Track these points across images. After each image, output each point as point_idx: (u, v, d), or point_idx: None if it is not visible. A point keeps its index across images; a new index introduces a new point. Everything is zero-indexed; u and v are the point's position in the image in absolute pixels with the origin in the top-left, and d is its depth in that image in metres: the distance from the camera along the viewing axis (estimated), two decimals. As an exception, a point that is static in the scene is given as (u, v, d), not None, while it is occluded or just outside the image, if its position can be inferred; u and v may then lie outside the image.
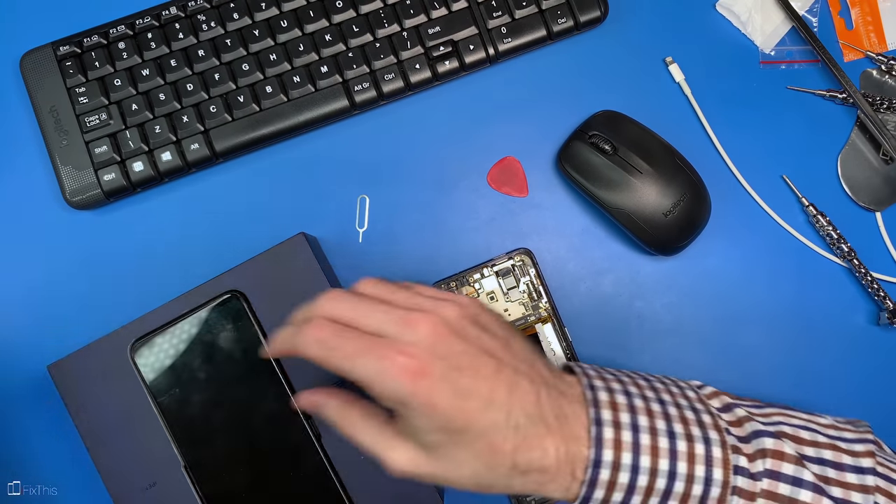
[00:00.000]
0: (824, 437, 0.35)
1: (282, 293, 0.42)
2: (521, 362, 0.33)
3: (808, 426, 0.35)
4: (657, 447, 0.32)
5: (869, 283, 0.48)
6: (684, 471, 0.32)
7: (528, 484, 0.32)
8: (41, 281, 0.48)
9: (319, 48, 0.48)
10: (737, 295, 0.48)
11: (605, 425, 0.32)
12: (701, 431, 0.33)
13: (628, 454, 0.32)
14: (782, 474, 0.33)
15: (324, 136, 0.49)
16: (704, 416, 0.34)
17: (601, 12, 0.49)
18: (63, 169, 0.47)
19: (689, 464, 0.32)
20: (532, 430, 0.31)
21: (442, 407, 0.30)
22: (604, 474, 0.31)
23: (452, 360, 0.31)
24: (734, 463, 0.32)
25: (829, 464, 0.34)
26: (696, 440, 0.33)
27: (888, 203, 0.49)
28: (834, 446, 0.34)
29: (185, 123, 0.47)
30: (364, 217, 0.49)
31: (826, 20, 0.51)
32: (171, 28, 0.48)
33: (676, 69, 0.50)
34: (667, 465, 0.32)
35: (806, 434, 0.35)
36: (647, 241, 0.46)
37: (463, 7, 0.48)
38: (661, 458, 0.32)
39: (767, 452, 0.33)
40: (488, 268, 0.47)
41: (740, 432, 0.34)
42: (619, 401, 0.33)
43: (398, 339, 0.31)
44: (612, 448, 0.31)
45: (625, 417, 0.32)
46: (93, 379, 0.42)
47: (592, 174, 0.46)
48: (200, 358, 0.42)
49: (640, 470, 0.31)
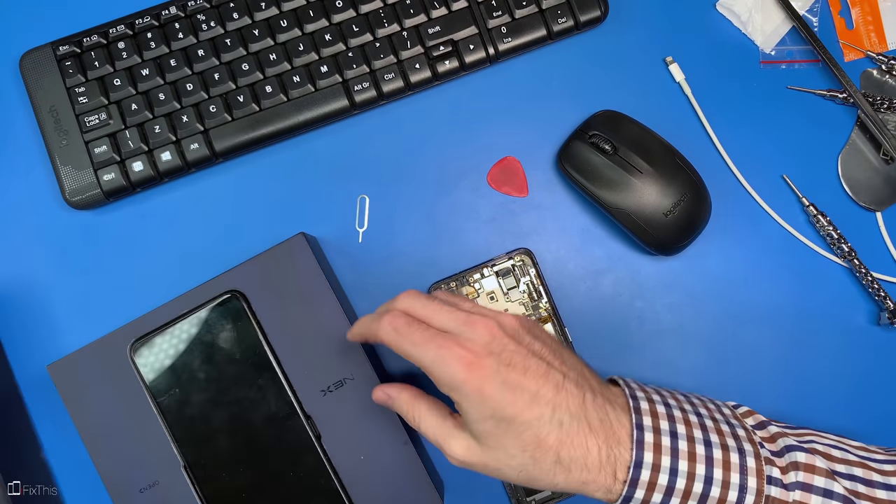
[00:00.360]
0: (855, 455, 0.36)
1: (282, 293, 0.42)
2: (569, 369, 0.35)
3: (838, 446, 0.37)
4: (695, 453, 0.34)
5: (869, 283, 0.48)
6: (720, 477, 0.33)
7: (572, 482, 0.34)
8: (41, 281, 0.48)
9: (319, 48, 0.48)
10: (737, 295, 0.48)
11: (645, 430, 0.34)
12: (736, 443, 0.35)
13: (667, 457, 0.33)
14: (814, 486, 0.34)
15: (324, 136, 0.49)
16: (739, 430, 0.35)
17: (601, 12, 0.49)
18: (63, 169, 0.46)
19: (724, 471, 0.33)
20: (576, 428, 0.34)
21: (490, 395, 0.33)
22: (644, 475, 0.33)
23: (504, 357, 0.34)
24: (768, 473, 0.34)
25: (860, 480, 0.35)
26: (732, 450, 0.34)
27: (888, 203, 0.49)
28: (864, 464, 0.36)
29: (185, 123, 0.47)
30: (364, 217, 0.49)
31: (826, 20, 0.51)
32: (171, 28, 0.47)
33: (676, 69, 0.49)
34: (703, 471, 0.33)
35: (837, 452, 0.36)
36: (648, 241, 0.46)
37: (463, 7, 0.48)
38: (699, 464, 0.33)
39: (800, 465, 0.34)
40: (488, 268, 0.47)
41: (773, 447, 0.36)
42: (658, 410, 0.35)
43: (459, 335, 0.35)
44: (651, 451, 0.33)
45: (664, 425, 0.34)
46: (93, 379, 0.42)
47: (592, 174, 0.46)
48: (200, 358, 0.42)
49: (678, 473, 0.33)
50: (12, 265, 0.48)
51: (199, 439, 0.41)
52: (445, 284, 0.47)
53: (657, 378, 0.48)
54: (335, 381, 0.42)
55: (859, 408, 0.48)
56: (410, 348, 0.35)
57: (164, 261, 0.48)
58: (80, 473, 0.46)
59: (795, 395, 0.48)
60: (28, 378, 0.47)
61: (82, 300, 0.47)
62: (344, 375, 0.42)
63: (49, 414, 0.47)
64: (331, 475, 0.41)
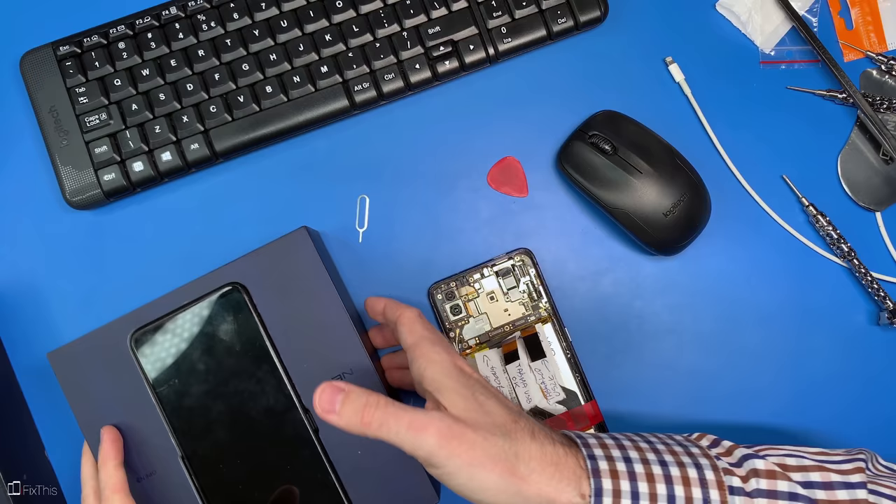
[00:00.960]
0: (811, 460, 0.36)
1: (283, 286, 0.42)
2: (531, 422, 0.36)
3: (792, 454, 0.36)
4: (653, 473, 0.33)
5: (869, 283, 0.48)
6: (682, 493, 0.33)
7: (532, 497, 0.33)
8: (41, 281, 0.48)
9: (319, 48, 0.48)
10: (737, 295, 0.48)
11: (598, 459, 0.34)
12: (691, 459, 0.35)
13: (626, 482, 0.33)
14: (778, 492, 0.34)
15: (324, 136, 0.49)
16: (692, 448, 0.36)
17: (601, 12, 0.49)
18: (63, 169, 0.47)
19: (685, 486, 0.33)
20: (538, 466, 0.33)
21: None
22: (606, 501, 0.32)
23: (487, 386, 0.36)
24: (728, 484, 0.34)
25: (818, 485, 0.34)
26: (688, 465, 0.34)
27: (888, 203, 0.49)
28: (822, 467, 0.35)
29: (185, 123, 0.47)
30: (364, 217, 0.49)
31: (826, 20, 0.51)
32: (171, 28, 0.48)
33: (676, 69, 0.50)
34: (664, 490, 0.33)
35: (792, 461, 0.36)
36: (647, 241, 0.46)
37: (463, 7, 0.48)
38: (659, 483, 0.33)
39: (760, 472, 0.34)
40: (488, 268, 0.47)
41: (730, 459, 0.36)
42: (606, 441, 0.35)
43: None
44: (609, 477, 0.33)
45: (615, 452, 0.34)
46: (92, 367, 0.42)
47: (592, 174, 0.46)
48: (200, 349, 0.42)
49: (640, 496, 0.33)
50: (12, 265, 0.48)
51: (198, 430, 0.41)
52: (445, 284, 0.47)
53: (657, 378, 0.48)
54: (334, 375, 0.42)
55: (859, 408, 0.48)
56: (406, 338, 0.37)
57: (164, 261, 0.48)
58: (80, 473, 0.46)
59: (795, 396, 0.48)
60: (28, 378, 0.47)
61: (82, 300, 0.47)
62: (342, 369, 0.42)
63: (49, 413, 0.47)
64: (327, 469, 0.41)
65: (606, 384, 0.47)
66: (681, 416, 0.47)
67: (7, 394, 0.46)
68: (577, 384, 0.47)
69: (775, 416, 0.47)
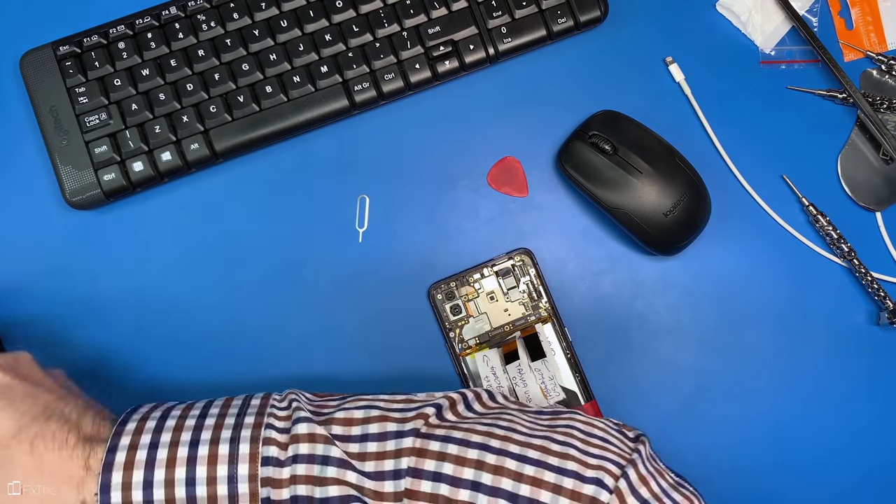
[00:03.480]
0: (379, 411, 0.36)
1: None
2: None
3: (371, 405, 0.36)
4: (175, 458, 0.33)
5: (869, 283, 0.48)
6: (204, 474, 0.33)
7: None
8: (41, 281, 0.48)
9: (319, 48, 0.48)
10: (737, 295, 0.48)
11: (119, 450, 0.33)
12: (232, 432, 0.34)
13: (140, 471, 0.33)
14: (315, 455, 0.34)
15: (324, 136, 0.49)
16: (247, 419, 0.35)
17: (601, 12, 0.49)
18: (63, 169, 0.46)
19: (210, 466, 0.33)
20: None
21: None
22: (115, 497, 0.32)
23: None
24: (264, 454, 0.34)
25: (372, 437, 0.35)
26: (223, 441, 0.34)
27: (888, 203, 0.49)
28: (384, 418, 0.35)
29: (185, 123, 0.47)
30: (364, 217, 0.49)
31: (826, 20, 0.51)
32: (171, 28, 0.47)
33: (676, 69, 0.50)
34: (184, 473, 0.33)
35: (359, 413, 0.36)
36: (647, 241, 0.46)
37: (463, 7, 0.48)
38: (178, 468, 0.33)
39: (300, 438, 0.34)
40: (488, 268, 0.47)
41: (285, 424, 0.35)
42: (147, 426, 0.35)
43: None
44: (122, 469, 0.33)
45: (145, 439, 0.34)
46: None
47: (592, 174, 0.46)
48: None
49: (154, 483, 0.33)
50: (12, 265, 0.48)
51: None
52: (445, 284, 0.47)
53: (656, 378, 0.48)
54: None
55: (859, 408, 0.48)
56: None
57: (163, 261, 0.48)
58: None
59: (794, 395, 0.48)
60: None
61: (82, 300, 0.47)
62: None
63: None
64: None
65: (606, 384, 0.47)
66: (681, 415, 0.47)
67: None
68: (577, 384, 0.47)
69: (775, 416, 0.47)
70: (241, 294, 0.47)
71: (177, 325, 0.47)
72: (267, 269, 0.48)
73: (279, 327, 0.47)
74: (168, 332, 0.47)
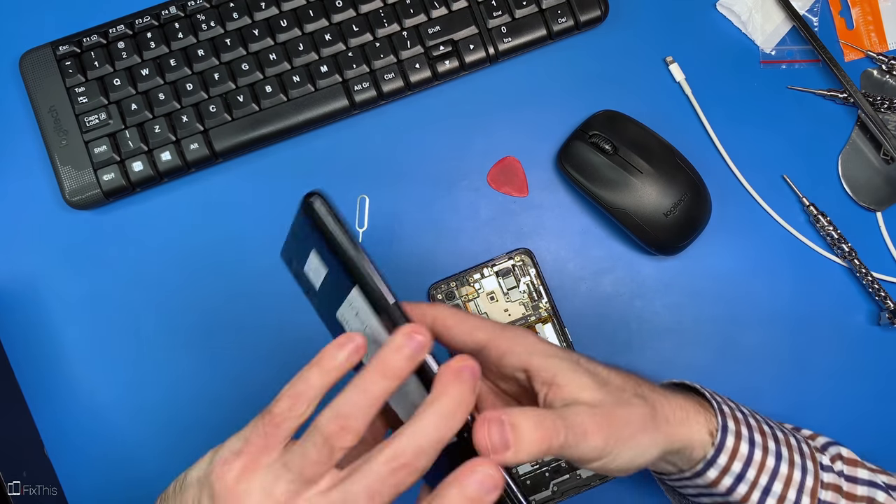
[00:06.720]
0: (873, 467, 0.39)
1: None
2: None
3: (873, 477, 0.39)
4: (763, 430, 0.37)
5: (869, 283, 0.47)
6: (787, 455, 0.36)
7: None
8: (41, 281, 0.48)
9: (319, 48, 0.48)
10: (737, 295, 0.48)
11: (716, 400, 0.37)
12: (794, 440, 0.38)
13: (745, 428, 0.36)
14: (858, 478, 0.37)
15: (324, 135, 0.49)
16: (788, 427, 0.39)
17: (601, 12, 0.49)
18: (62, 169, 0.46)
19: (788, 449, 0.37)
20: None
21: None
22: (729, 438, 0.35)
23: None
24: (820, 461, 0.37)
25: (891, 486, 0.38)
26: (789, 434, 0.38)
27: (889, 203, 0.49)
28: (884, 472, 0.39)
29: (185, 123, 0.47)
30: (364, 217, 0.49)
31: (827, 20, 0.51)
32: (171, 28, 0.47)
33: (676, 69, 0.49)
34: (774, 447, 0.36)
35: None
36: (648, 241, 0.46)
37: (463, 6, 0.48)
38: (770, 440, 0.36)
39: (844, 459, 0.38)
40: (488, 268, 0.47)
41: (815, 444, 0.39)
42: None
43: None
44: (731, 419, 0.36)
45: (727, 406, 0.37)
46: None
47: (592, 174, 0.46)
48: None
49: (755, 443, 0.36)
50: (12, 265, 0.48)
51: None
52: (445, 284, 0.47)
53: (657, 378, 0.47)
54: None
55: (859, 408, 0.48)
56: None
57: (163, 261, 0.48)
58: (81, 472, 0.46)
59: (795, 395, 0.48)
60: (29, 378, 0.47)
61: (82, 300, 0.47)
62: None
63: (49, 413, 0.47)
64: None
65: (606, 384, 0.47)
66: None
67: (7, 393, 0.46)
68: (577, 384, 0.47)
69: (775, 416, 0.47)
70: (240, 294, 0.47)
71: (177, 324, 0.47)
72: (267, 269, 0.48)
73: (279, 327, 0.47)
74: (168, 331, 0.47)
